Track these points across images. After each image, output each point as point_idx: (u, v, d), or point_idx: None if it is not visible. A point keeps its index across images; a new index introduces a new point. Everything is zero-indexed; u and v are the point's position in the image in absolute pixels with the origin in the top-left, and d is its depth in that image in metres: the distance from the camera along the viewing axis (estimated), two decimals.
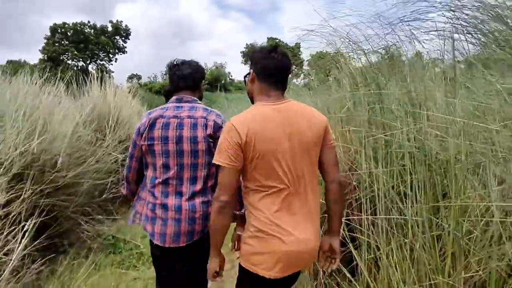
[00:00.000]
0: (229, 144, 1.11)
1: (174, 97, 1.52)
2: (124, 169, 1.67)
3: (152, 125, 1.42)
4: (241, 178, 1.20)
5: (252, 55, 1.29)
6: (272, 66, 1.19)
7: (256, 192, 1.16)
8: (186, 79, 1.53)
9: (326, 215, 1.28)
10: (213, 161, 1.16)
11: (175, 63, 1.57)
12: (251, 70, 1.24)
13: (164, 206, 1.41)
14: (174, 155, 1.41)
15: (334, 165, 1.24)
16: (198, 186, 1.42)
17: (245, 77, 1.30)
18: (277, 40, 37.29)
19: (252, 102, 1.26)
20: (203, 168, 1.42)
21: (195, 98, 1.53)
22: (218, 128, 1.42)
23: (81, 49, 30.51)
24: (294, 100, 1.23)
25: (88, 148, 3.46)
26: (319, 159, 1.22)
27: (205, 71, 1.98)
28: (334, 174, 1.23)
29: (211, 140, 1.42)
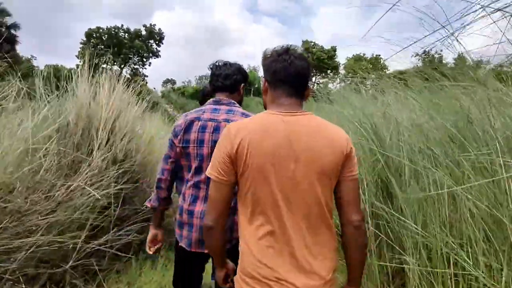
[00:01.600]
0: (219, 153, 0.99)
1: (211, 100, 1.49)
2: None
3: (188, 127, 1.40)
4: None
5: (263, 60, 1.08)
6: (282, 70, 1.02)
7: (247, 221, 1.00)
8: (225, 79, 1.50)
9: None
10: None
11: (217, 64, 1.56)
12: (263, 79, 1.10)
13: (190, 213, 1.40)
14: (208, 159, 1.34)
15: (354, 204, 1.01)
16: None
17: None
18: (312, 43, 35.58)
19: None
20: None
21: (233, 101, 1.50)
22: None
23: (115, 53, 30.97)
24: (314, 115, 1.02)
25: (53, 180, 2.13)
26: (335, 194, 1.02)
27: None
28: (352, 214, 0.99)
29: None
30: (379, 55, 25.80)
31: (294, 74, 1.02)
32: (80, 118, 2.85)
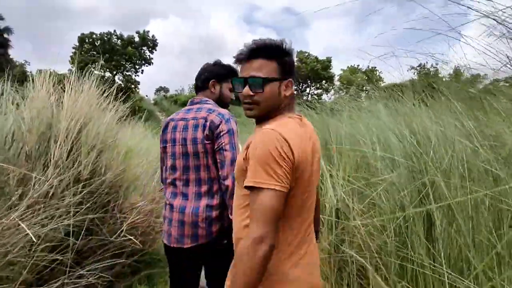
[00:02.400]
0: (279, 158, 0.85)
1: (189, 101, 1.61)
2: None
3: (164, 128, 1.53)
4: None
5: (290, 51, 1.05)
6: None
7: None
8: (196, 80, 1.61)
9: None
10: (248, 184, 0.86)
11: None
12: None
13: (171, 207, 1.46)
14: (180, 156, 1.45)
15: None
16: (203, 188, 1.43)
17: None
18: (306, 54, 35.53)
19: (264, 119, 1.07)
20: (206, 170, 1.42)
21: (205, 99, 1.56)
22: (215, 127, 1.40)
23: (107, 59, 30.28)
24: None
25: None
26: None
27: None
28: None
29: (207, 141, 1.40)
30: (375, 67, 25.68)
31: None
32: (35, 126, 2.28)
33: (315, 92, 36.13)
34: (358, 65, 32.97)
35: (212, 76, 1.58)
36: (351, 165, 2.49)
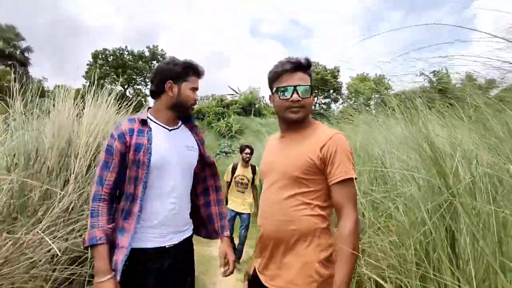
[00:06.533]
0: (352, 155, 1.16)
1: None
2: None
3: None
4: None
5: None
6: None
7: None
8: (150, 87, 1.47)
9: None
10: (348, 176, 1.10)
11: None
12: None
13: None
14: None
15: None
16: None
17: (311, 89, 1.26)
18: (315, 63, 35.69)
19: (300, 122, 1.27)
20: None
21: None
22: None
23: (119, 74, 31.18)
24: None
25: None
26: None
27: (237, 93, 0.70)
28: None
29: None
30: (383, 75, 25.50)
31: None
32: (57, 143, 2.35)
33: (323, 101, 36.08)
34: (368, 73, 32.88)
35: (167, 77, 1.38)
36: (368, 179, 2.46)
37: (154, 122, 1.41)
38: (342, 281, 1.04)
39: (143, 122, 1.37)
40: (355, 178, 1.11)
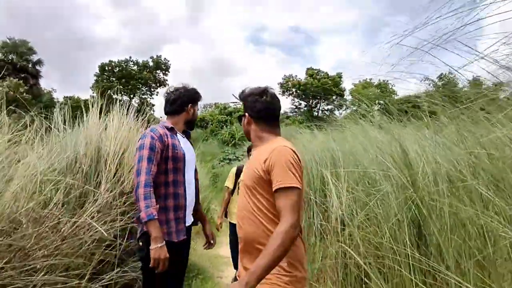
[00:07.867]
0: (297, 165, 1.23)
1: None
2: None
3: None
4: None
5: (244, 98, 1.46)
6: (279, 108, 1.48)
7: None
8: (170, 105, 1.96)
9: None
10: (284, 185, 1.18)
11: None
12: (246, 114, 1.44)
13: None
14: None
15: None
16: None
17: (239, 118, 1.51)
18: (316, 71, 36.03)
19: (249, 140, 1.47)
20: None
21: (164, 122, 1.93)
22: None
23: (125, 84, 31.96)
24: None
25: (59, 215, 2.01)
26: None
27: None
28: None
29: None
30: (387, 81, 25.71)
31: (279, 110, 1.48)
32: (89, 150, 2.79)
33: (326, 108, 36.29)
34: (371, 79, 32.80)
35: (189, 100, 1.91)
36: (353, 179, 2.85)
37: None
38: (254, 272, 1.07)
39: (172, 129, 1.87)
40: (295, 187, 1.17)
